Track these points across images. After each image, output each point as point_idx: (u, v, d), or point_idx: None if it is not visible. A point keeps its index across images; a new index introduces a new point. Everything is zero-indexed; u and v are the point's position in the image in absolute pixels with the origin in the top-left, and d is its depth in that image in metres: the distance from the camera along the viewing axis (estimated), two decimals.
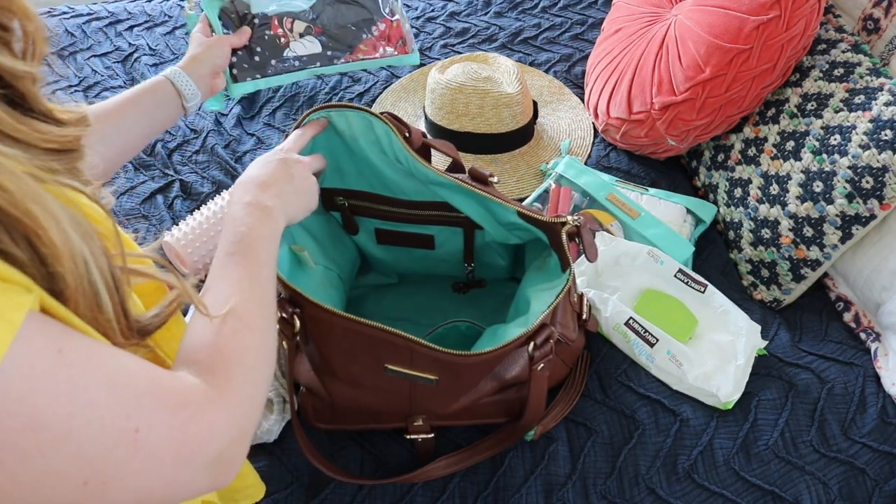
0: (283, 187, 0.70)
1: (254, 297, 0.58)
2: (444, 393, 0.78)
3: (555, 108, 1.37)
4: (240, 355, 0.54)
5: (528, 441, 0.86)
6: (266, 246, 0.63)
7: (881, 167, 0.95)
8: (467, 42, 1.54)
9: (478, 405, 0.81)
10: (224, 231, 0.63)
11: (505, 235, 0.91)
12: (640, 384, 0.92)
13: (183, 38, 1.53)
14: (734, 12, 1.09)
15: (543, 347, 0.75)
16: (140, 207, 1.16)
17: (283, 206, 0.68)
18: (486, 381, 0.78)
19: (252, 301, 0.58)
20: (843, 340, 1.03)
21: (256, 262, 0.61)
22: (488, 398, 0.81)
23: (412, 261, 1.00)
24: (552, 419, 0.87)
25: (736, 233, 1.14)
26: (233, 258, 0.60)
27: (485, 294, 1.03)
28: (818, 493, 0.84)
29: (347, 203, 0.94)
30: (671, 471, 0.85)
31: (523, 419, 0.81)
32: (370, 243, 0.99)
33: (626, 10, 1.36)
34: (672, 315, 0.96)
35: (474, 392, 0.78)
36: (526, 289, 0.87)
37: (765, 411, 0.90)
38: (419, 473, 0.81)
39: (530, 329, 0.75)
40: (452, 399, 0.79)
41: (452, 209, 0.90)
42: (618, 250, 1.02)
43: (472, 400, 0.79)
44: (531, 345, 0.75)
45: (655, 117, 1.18)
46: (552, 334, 0.76)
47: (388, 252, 0.99)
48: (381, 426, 0.85)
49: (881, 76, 1.03)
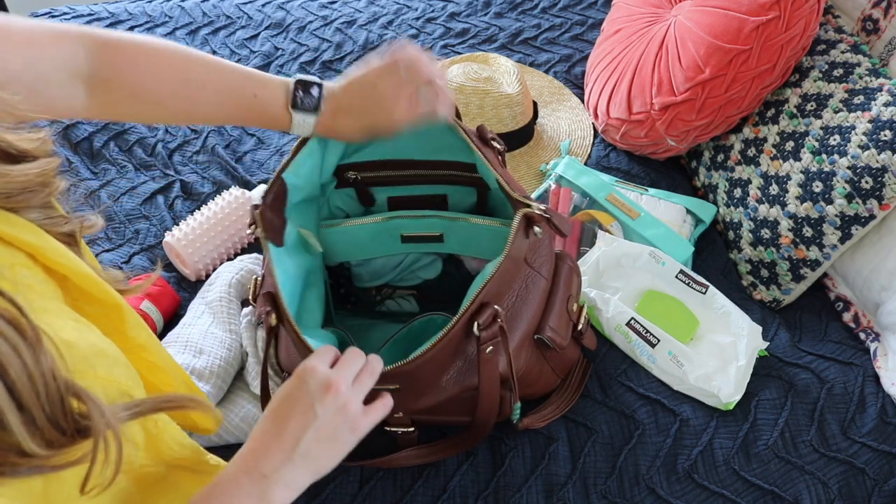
0: (298, 443, 0.57)
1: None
2: (409, 394, 0.76)
3: (555, 109, 1.37)
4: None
5: (529, 441, 0.87)
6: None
7: (880, 167, 0.95)
8: (467, 42, 1.54)
9: (449, 402, 0.79)
10: (205, 492, 0.55)
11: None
12: (640, 384, 0.92)
13: (183, 38, 1.54)
14: (734, 13, 1.09)
15: (490, 328, 0.71)
16: (141, 208, 1.16)
17: (295, 472, 0.57)
18: (451, 372, 0.76)
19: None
20: (843, 340, 1.03)
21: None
22: (460, 394, 0.79)
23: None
24: (541, 418, 0.86)
25: (736, 233, 1.14)
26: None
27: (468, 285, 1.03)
28: (818, 492, 0.84)
29: (360, 177, 0.93)
30: (671, 470, 0.85)
31: (478, 410, 0.79)
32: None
33: (625, 10, 1.36)
34: (673, 316, 0.96)
35: (438, 385, 0.77)
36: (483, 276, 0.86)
37: (765, 411, 0.90)
38: (386, 460, 0.81)
39: (464, 310, 0.71)
40: (419, 397, 0.77)
41: (466, 168, 0.90)
42: (619, 251, 1.02)
43: (439, 396, 0.77)
44: (475, 325, 0.71)
45: (655, 118, 1.18)
46: (497, 313, 0.72)
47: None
48: None
49: (880, 76, 1.04)
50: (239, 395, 0.89)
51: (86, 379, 0.45)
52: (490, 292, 0.72)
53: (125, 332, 0.56)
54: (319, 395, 0.58)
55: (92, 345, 0.49)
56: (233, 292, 0.96)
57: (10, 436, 0.39)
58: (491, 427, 0.82)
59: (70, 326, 0.48)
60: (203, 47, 1.51)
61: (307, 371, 0.60)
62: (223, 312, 0.93)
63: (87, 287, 0.52)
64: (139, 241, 1.11)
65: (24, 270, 0.47)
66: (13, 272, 0.46)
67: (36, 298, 0.46)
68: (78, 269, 0.51)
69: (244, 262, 1.01)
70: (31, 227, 0.49)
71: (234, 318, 0.94)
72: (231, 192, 1.10)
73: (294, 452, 0.56)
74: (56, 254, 0.49)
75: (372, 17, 1.61)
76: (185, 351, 0.88)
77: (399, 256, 1.02)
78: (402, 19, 1.60)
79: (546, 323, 0.80)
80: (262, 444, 0.57)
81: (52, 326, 0.43)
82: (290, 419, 0.58)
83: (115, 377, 0.50)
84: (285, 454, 0.56)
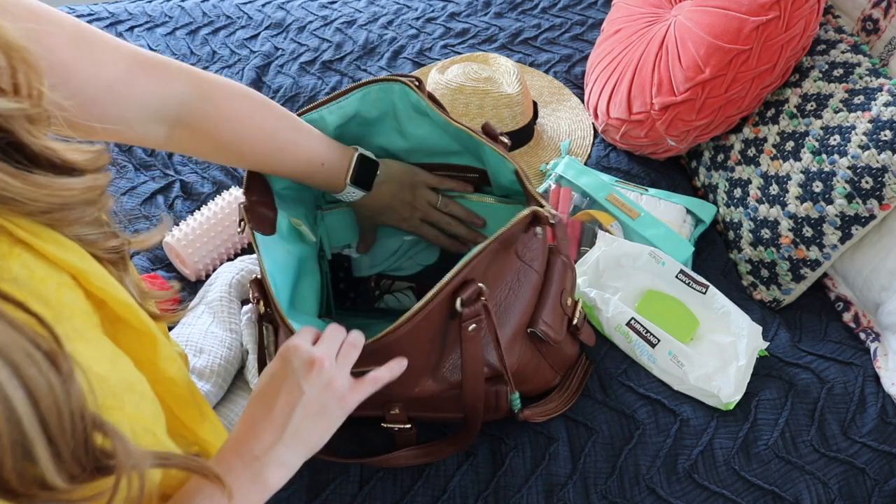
0: (287, 422, 0.57)
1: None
2: (401, 378, 0.74)
3: (555, 109, 1.37)
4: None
5: (529, 441, 0.87)
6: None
7: (881, 167, 0.95)
8: (467, 42, 1.54)
9: (448, 396, 0.80)
10: (199, 480, 0.54)
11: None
12: (640, 384, 0.92)
13: (183, 38, 1.54)
14: (734, 13, 1.09)
15: (473, 305, 0.71)
16: (141, 208, 1.16)
17: (288, 452, 0.57)
18: (441, 357, 0.76)
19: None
20: (843, 340, 1.03)
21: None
22: (457, 389, 0.79)
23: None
24: (542, 412, 0.86)
25: (736, 233, 1.14)
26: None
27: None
28: (818, 492, 0.84)
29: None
30: (671, 471, 0.85)
31: (462, 393, 0.78)
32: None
33: (625, 10, 1.36)
34: (673, 316, 0.96)
35: (436, 374, 0.76)
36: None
37: (765, 411, 0.90)
38: (384, 459, 0.81)
39: (446, 281, 0.69)
40: (412, 381, 0.76)
41: (461, 169, 0.91)
42: (619, 251, 1.02)
43: (438, 385, 0.77)
44: (458, 301, 0.71)
45: (655, 118, 1.18)
46: (481, 290, 0.71)
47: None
48: (360, 413, 0.84)
49: (880, 76, 1.04)
50: (239, 395, 0.89)
51: (113, 415, 0.45)
52: (476, 270, 0.72)
53: (157, 363, 0.55)
54: (304, 373, 0.58)
55: (123, 380, 0.48)
56: (233, 292, 0.96)
57: (35, 468, 0.38)
58: (480, 418, 0.81)
59: (105, 358, 0.47)
60: (203, 47, 1.51)
61: (290, 350, 0.60)
62: (223, 312, 0.93)
63: (124, 315, 0.51)
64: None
65: (69, 293, 0.46)
66: (59, 295, 0.45)
67: (76, 326, 0.46)
68: (117, 295, 0.50)
69: (244, 262, 1.01)
70: (76, 248, 0.47)
71: (234, 318, 0.94)
72: (231, 192, 1.10)
73: (284, 432, 0.57)
74: (97, 278, 0.48)
75: (372, 17, 1.61)
76: (184, 350, 0.88)
77: (397, 242, 1.02)
78: (402, 19, 1.60)
79: (539, 317, 0.80)
80: (251, 426, 0.57)
81: (87, 357, 0.43)
82: (277, 399, 0.58)
83: (141, 414, 0.50)
84: (275, 434, 0.56)
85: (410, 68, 1.47)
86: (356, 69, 1.47)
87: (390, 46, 1.52)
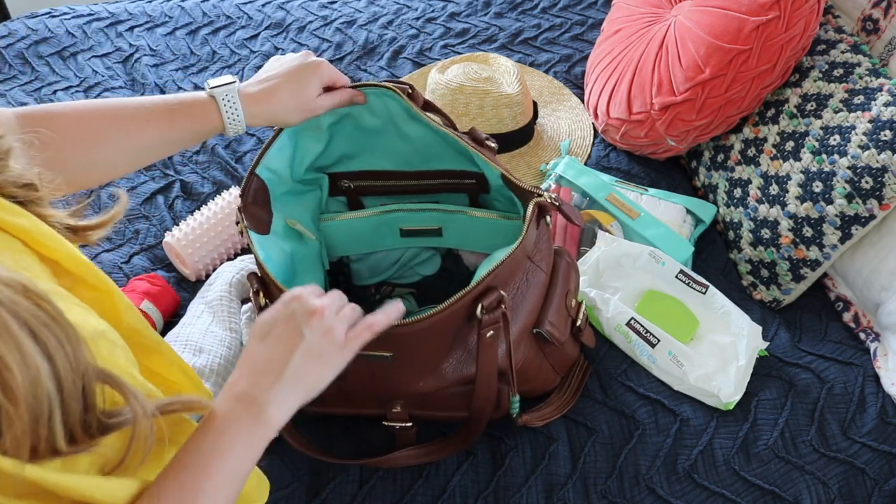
0: (287, 365, 0.57)
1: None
2: (404, 369, 0.76)
3: (555, 109, 1.37)
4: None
5: (529, 441, 0.87)
6: (231, 463, 0.53)
7: (880, 167, 0.95)
8: (467, 42, 1.54)
9: (448, 394, 0.80)
10: (201, 428, 0.54)
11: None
12: (640, 384, 0.92)
13: (183, 38, 1.54)
14: (734, 13, 1.09)
15: (493, 312, 0.72)
16: (141, 208, 1.16)
17: (286, 393, 0.57)
18: (446, 355, 0.76)
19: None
20: (843, 340, 1.03)
21: (207, 478, 0.51)
22: (457, 387, 0.79)
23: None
24: (540, 417, 0.86)
25: (736, 233, 1.14)
26: (180, 475, 0.51)
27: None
28: (818, 492, 0.84)
29: (353, 185, 0.95)
30: (671, 470, 0.85)
31: (474, 398, 0.78)
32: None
33: (625, 10, 1.36)
34: (673, 316, 0.96)
35: (437, 371, 0.77)
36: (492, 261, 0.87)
37: (765, 411, 0.90)
38: (385, 459, 0.81)
39: (471, 288, 0.71)
40: (415, 375, 0.77)
41: (457, 176, 0.91)
42: (619, 251, 1.02)
43: (438, 382, 0.77)
44: (479, 307, 0.71)
45: (655, 118, 1.18)
46: (502, 299, 0.72)
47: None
48: (360, 411, 0.84)
49: (880, 76, 1.04)
50: None
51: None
52: (498, 278, 0.73)
53: (119, 316, 0.56)
54: (305, 319, 0.59)
55: (94, 328, 0.49)
56: (233, 292, 0.96)
57: (52, 434, 0.40)
58: (486, 420, 0.82)
59: (74, 311, 0.48)
60: (203, 47, 1.51)
61: (293, 298, 0.61)
62: (223, 311, 0.93)
63: (80, 272, 0.52)
64: (139, 241, 1.11)
65: (25, 258, 0.47)
66: (18, 259, 0.46)
67: (43, 287, 0.46)
68: (70, 253, 0.51)
69: (244, 261, 1.01)
70: (21, 210, 0.48)
71: (234, 317, 0.94)
72: (231, 192, 1.10)
73: (283, 374, 0.57)
74: (47, 238, 0.49)
75: (372, 17, 1.61)
76: (185, 350, 0.88)
77: (398, 252, 1.02)
78: (402, 19, 1.60)
79: (545, 317, 0.80)
80: (250, 369, 0.58)
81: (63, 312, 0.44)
82: (277, 343, 0.58)
83: (115, 359, 0.50)
84: (275, 376, 0.57)
85: (410, 68, 1.47)
86: (356, 69, 1.47)
87: (390, 46, 1.53)
